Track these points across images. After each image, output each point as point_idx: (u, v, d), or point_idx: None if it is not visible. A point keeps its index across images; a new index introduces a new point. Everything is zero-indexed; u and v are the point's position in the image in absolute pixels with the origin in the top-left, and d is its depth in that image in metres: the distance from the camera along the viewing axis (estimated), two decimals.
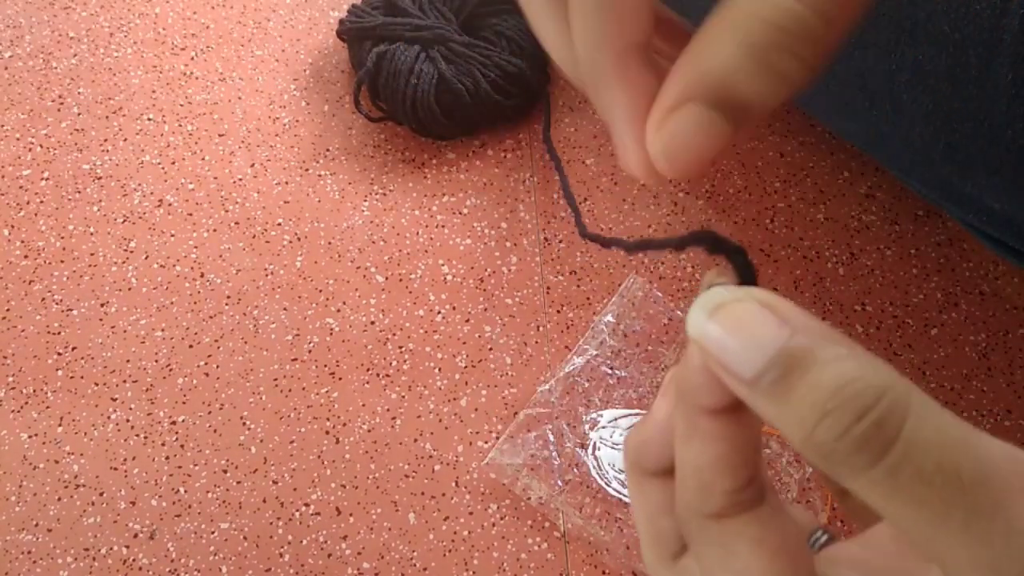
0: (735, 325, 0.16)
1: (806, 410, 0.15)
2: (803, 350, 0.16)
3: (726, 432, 0.18)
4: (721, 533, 0.18)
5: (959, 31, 0.38)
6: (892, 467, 0.15)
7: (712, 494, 0.18)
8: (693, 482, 0.19)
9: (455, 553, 0.47)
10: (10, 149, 0.63)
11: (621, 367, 0.52)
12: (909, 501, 0.15)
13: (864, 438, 0.15)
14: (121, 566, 0.47)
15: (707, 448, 0.18)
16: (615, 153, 0.19)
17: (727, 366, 0.16)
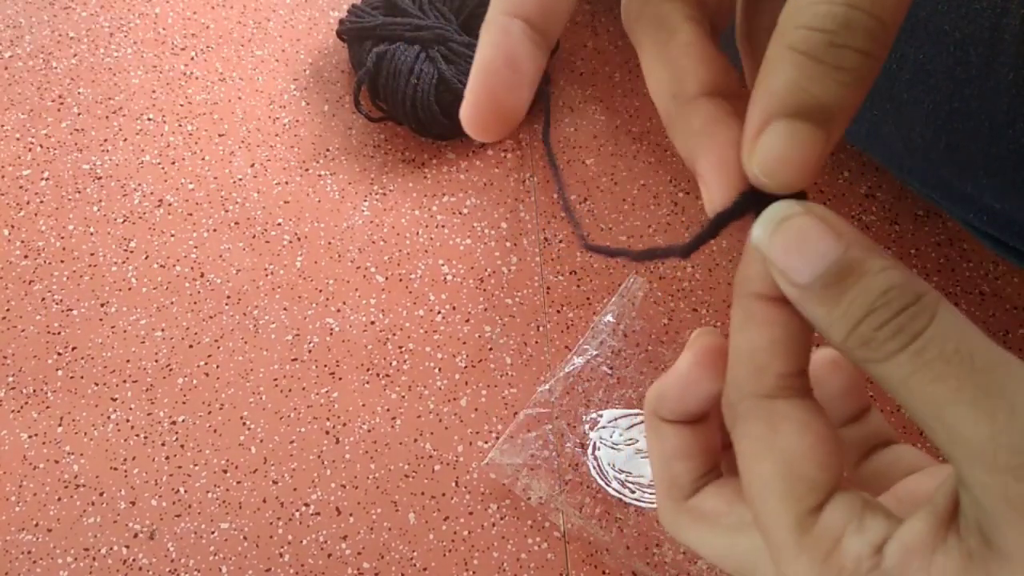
0: (797, 237, 0.19)
1: (855, 309, 0.18)
2: (856, 260, 0.18)
3: (782, 318, 0.20)
4: (770, 412, 0.20)
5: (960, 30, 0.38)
6: (919, 349, 0.17)
7: (765, 375, 0.20)
8: (747, 364, 0.20)
9: (455, 553, 0.47)
10: (10, 149, 0.63)
11: (621, 367, 0.52)
12: (929, 377, 0.17)
13: (899, 327, 0.18)
14: (121, 566, 0.47)
15: (763, 332, 0.20)
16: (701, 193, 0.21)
17: (786, 272, 0.19)
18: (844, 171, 0.60)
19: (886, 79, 0.41)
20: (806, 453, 0.19)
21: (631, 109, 0.65)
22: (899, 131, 0.43)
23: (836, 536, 0.19)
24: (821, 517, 0.19)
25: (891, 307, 0.18)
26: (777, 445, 0.20)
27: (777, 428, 0.20)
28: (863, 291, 0.18)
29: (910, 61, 0.40)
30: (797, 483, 0.19)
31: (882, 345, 0.18)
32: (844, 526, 0.19)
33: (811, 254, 0.18)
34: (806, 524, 0.19)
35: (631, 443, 0.49)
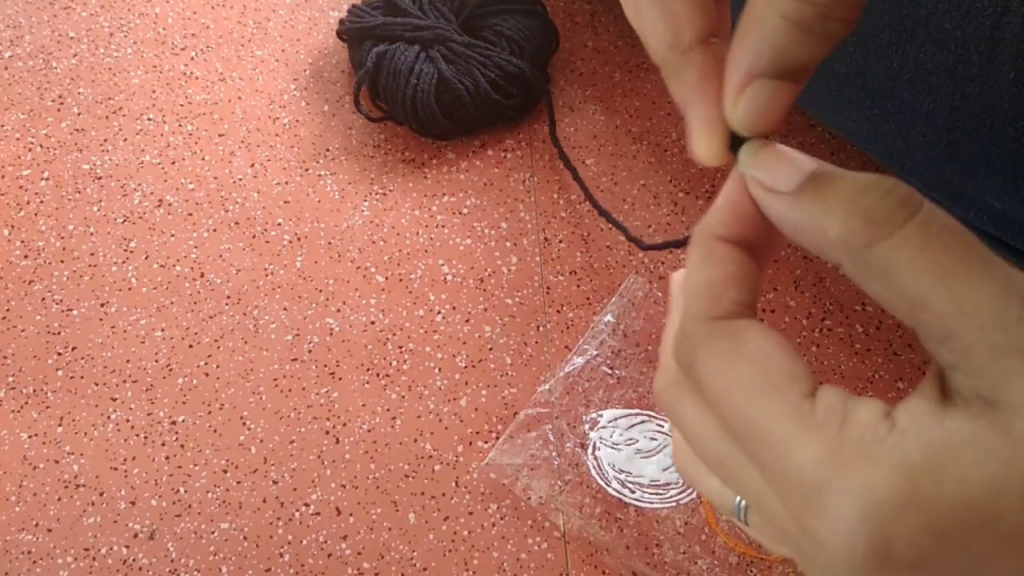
0: (777, 155, 0.21)
1: (848, 191, 0.19)
2: (830, 169, 0.20)
3: (737, 256, 0.22)
4: (730, 329, 0.21)
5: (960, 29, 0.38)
6: (924, 222, 0.18)
7: (721, 301, 0.21)
8: (704, 294, 0.22)
9: (455, 553, 0.47)
10: (10, 149, 0.63)
11: (621, 367, 0.52)
12: (938, 250, 0.18)
13: (901, 197, 0.19)
14: (121, 566, 0.47)
15: (720, 266, 0.22)
16: (687, 137, 0.22)
17: (774, 183, 0.20)
18: None
19: (887, 78, 0.41)
20: (776, 350, 0.20)
21: (631, 109, 0.65)
22: (900, 130, 0.43)
23: (841, 410, 0.19)
24: (817, 400, 0.19)
25: (883, 184, 0.19)
26: (746, 351, 0.20)
27: (741, 338, 0.21)
28: (851, 179, 0.19)
29: (911, 60, 0.40)
30: (778, 375, 0.20)
31: (887, 218, 0.18)
32: (844, 402, 0.19)
33: (792, 164, 0.20)
34: (803, 408, 0.19)
35: (631, 443, 0.49)
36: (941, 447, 0.18)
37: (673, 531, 0.46)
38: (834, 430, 0.19)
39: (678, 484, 0.48)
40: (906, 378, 0.52)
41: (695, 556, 0.46)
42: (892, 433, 0.18)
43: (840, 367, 0.52)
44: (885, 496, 0.18)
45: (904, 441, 0.18)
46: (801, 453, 0.19)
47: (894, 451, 0.18)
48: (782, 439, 0.19)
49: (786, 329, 0.54)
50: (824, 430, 0.19)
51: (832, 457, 0.18)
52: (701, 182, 0.61)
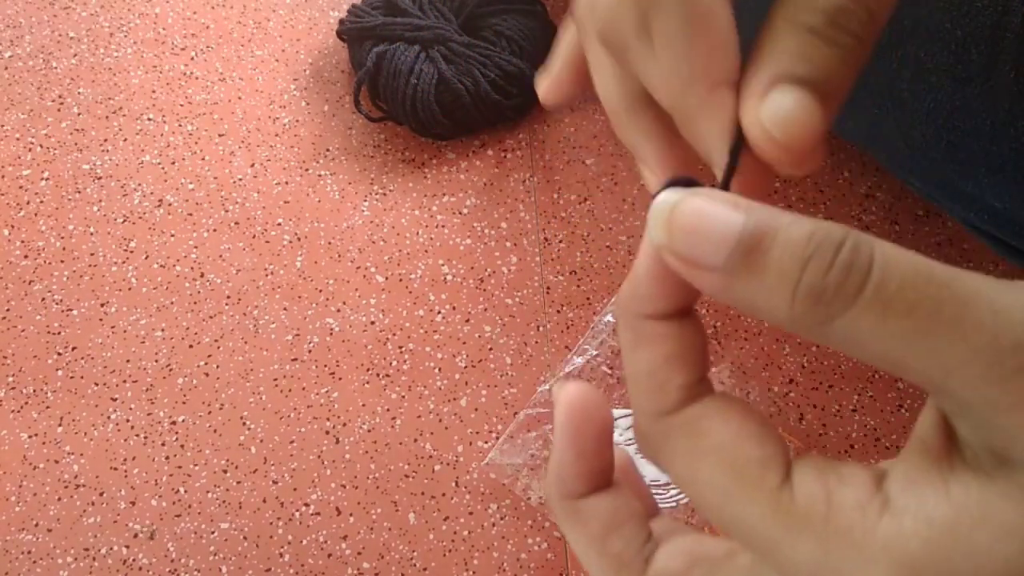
0: (694, 220, 0.17)
1: (787, 264, 0.16)
2: (763, 222, 0.17)
3: (674, 332, 0.19)
4: (684, 421, 0.19)
5: (961, 28, 0.38)
6: (879, 285, 0.16)
7: (668, 391, 0.19)
8: (647, 385, 0.19)
9: (455, 553, 0.47)
10: (10, 149, 0.62)
11: (621, 367, 0.52)
12: (902, 312, 0.16)
13: (846, 266, 0.16)
14: (121, 566, 0.47)
15: (657, 349, 0.19)
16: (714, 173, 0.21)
17: (699, 261, 0.17)
18: (844, 171, 0.60)
19: (887, 77, 0.41)
20: (739, 436, 0.18)
21: None
22: (900, 129, 0.43)
23: (823, 497, 0.17)
24: (795, 487, 0.17)
25: (825, 248, 0.16)
26: (707, 447, 0.18)
27: (698, 431, 0.18)
28: (786, 243, 0.16)
29: (911, 59, 0.40)
30: (747, 466, 0.17)
31: (838, 292, 0.16)
32: (826, 484, 0.17)
33: (716, 231, 0.17)
34: (782, 502, 0.17)
35: (631, 443, 0.49)
36: (947, 529, 0.16)
37: None
38: (820, 525, 0.16)
39: None
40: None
41: None
42: (884, 517, 0.16)
43: (840, 367, 0.52)
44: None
45: (900, 529, 0.16)
46: (792, 558, 0.17)
47: (889, 544, 0.16)
48: (769, 543, 0.17)
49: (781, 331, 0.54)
50: (809, 527, 0.17)
51: (824, 559, 0.16)
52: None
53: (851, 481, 0.17)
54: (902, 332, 0.16)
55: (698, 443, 0.18)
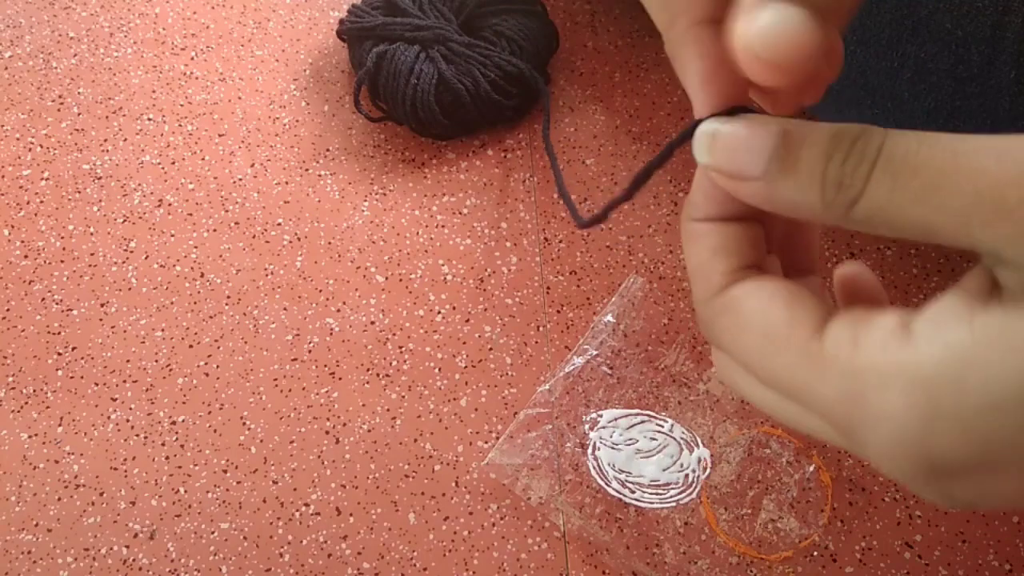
0: (733, 140, 0.20)
1: (815, 162, 0.19)
2: (793, 132, 0.19)
3: (717, 230, 0.22)
4: (725, 303, 0.21)
5: (961, 28, 0.38)
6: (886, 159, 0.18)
7: (712, 277, 0.22)
8: (697, 276, 0.22)
9: (455, 553, 0.47)
10: (10, 149, 0.62)
11: (621, 367, 0.52)
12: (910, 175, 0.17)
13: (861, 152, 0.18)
14: (121, 566, 0.46)
15: (702, 245, 0.22)
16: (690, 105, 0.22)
17: (742, 172, 0.20)
18: None
19: (887, 77, 0.41)
20: (771, 303, 0.20)
21: (631, 109, 0.65)
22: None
23: (850, 339, 0.18)
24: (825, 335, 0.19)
25: (844, 143, 0.18)
26: (744, 319, 0.20)
27: (737, 308, 0.21)
28: (813, 145, 0.19)
29: (911, 59, 0.40)
30: (776, 326, 0.20)
31: (854, 175, 0.18)
32: (854, 327, 0.18)
33: (753, 146, 0.19)
34: (811, 350, 0.19)
35: (631, 443, 0.49)
36: (962, 350, 0.17)
37: (673, 531, 0.46)
38: (845, 363, 0.18)
39: (678, 484, 0.48)
40: None
41: (695, 556, 0.46)
42: (904, 347, 0.17)
43: None
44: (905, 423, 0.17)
45: (915, 353, 0.17)
46: (823, 399, 0.19)
47: (903, 368, 0.17)
48: (804, 390, 0.19)
49: None
50: (835, 366, 0.18)
51: (848, 394, 0.18)
52: None
53: (880, 323, 0.18)
54: (914, 193, 0.17)
55: (737, 318, 0.21)
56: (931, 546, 0.46)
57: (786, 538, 0.46)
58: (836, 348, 0.18)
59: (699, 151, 0.21)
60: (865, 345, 0.18)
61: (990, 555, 0.46)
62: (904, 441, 0.17)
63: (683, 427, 0.49)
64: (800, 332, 0.19)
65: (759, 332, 0.20)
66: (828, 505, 0.47)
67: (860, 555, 0.46)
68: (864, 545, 0.46)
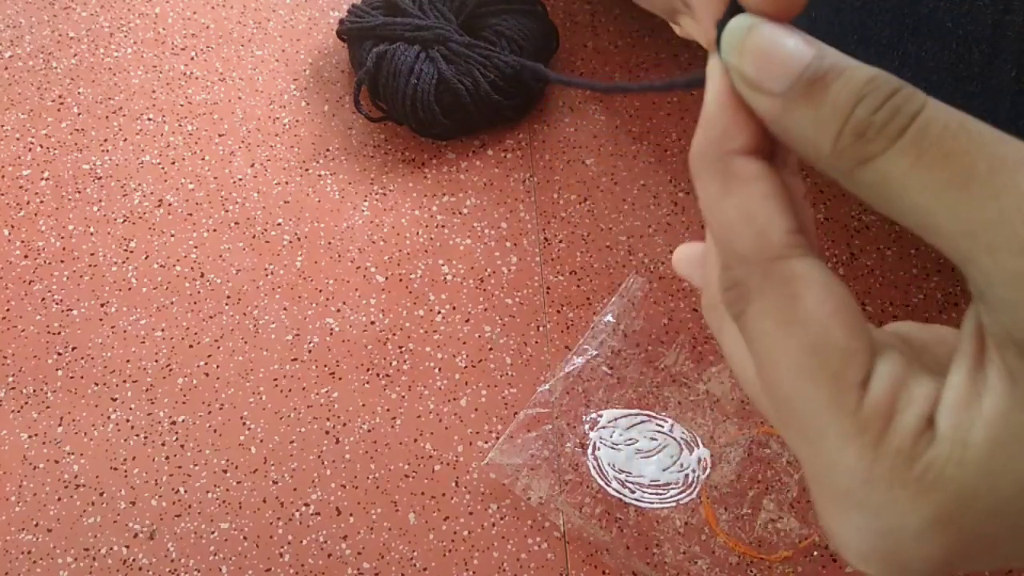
0: (767, 43, 0.17)
1: (843, 99, 0.16)
2: (831, 58, 0.17)
3: (766, 172, 0.18)
4: (786, 277, 0.18)
5: (962, 27, 0.38)
6: (921, 129, 0.15)
7: (771, 234, 0.18)
8: (746, 231, 0.18)
9: (455, 553, 0.47)
10: (10, 149, 0.62)
11: (621, 367, 0.52)
12: (937, 161, 0.15)
13: (895, 108, 0.16)
14: (121, 566, 0.46)
15: (753, 188, 0.18)
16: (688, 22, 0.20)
17: (762, 82, 0.17)
18: None
19: None
20: (835, 317, 0.17)
21: (631, 109, 0.65)
22: None
23: (886, 414, 0.17)
24: (869, 391, 0.17)
25: (881, 91, 0.16)
26: (800, 314, 0.17)
27: (797, 293, 0.17)
28: (848, 80, 0.16)
29: (912, 58, 0.40)
30: (832, 355, 0.17)
31: (880, 132, 0.16)
32: (893, 401, 0.17)
33: (785, 57, 0.17)
34: (849, 404, 0.17)
35: (631, 443, 0.49)
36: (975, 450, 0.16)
37: (673, 531, 0.46)
38: (872, 442, 0.17)
39: (678, 484, 0.48)
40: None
41: (695, 556, 0.46)
42: (929, 448, 0.16)
43: None
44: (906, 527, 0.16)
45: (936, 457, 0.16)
46: (834, 459, 0.17)
47: (924, 474, 0.16)
48: (818, 435, 0.17)
49: None
50: (862, 439, 0.17)
51: (864, 472, 0.17)
52: None
53: (914, 404, 0.17)
54: (934, 183, 0.15)
55: (793, 306, 0.17)
56: None
57: (786, 538, 0.46)
58: (871, 418, 0.17)
59: (729, 46, 0.18)
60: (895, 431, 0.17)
61: None
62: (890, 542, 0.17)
63: (683, 427, 0.49)
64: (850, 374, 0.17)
65: (810, 343, 0.17)
66: None
67: None
68: None
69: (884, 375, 0.17)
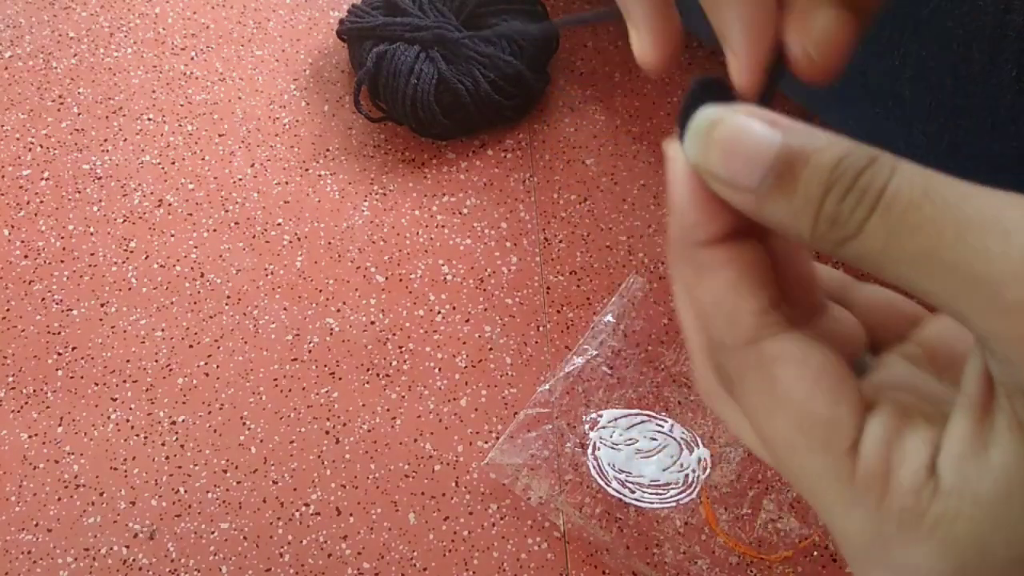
0: (731, 140, 0.18)
1: (813, 189, 0.17)
2: (798, 144, 0.17)
3: (734, 255, 0.19)
4: (759, 359, 0.18)
5: (963, 27, 0.38)
6: (888, 204, 0.16)
7: (739, 319, 0.19)
8: (718, 317, 0.19)
9: (455, 553, 0.47)
10: (10, 149, 0.62)
11: (621, 367, 0.52)
12: (906, 235, 0.16)
13: (862, 191, 0.16)
14: (121, 566, 0.46)
15: (720, 277, 0.19)
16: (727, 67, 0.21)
17: (734, 180, 0.18)
18: None
19: (888, 76, 0.41)
20: (813, 391, 0.18)
21: (631, 109, 0.65)
22: (901, 129, 0.43)
23: (882, 474, 0.17)
24: (860, 455, 0.17)
25: (848, 175, 0.16)
26: (780, 394, 0.18)
27: (774, 375, 0.18)
28: (815, 169, 0.17)
29: (913, 58, 0.40)
30: (817, 429, 0.18)
31: (851, 216, 0.16)
32: (887, 460, 0.17)
33: (752, 152, 0.17)
34: (844, 471, 0.17)
35: (631, 443, 0.49)
36: (987, 503, 0.16)
37: (673, 531, 0.46)
38: (874, 504, 0.17)
39: (678, 484, 0.48)
40: None
41: (695, 556, 0.46)
42: (935, 501, 0.16)
43: None
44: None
45: (946, 511, 0.16)
46: (844, 526, 0.18)
47: (935, 528, 0.16)
48: (826, 504, 0.18)
49: None
50: (865, 501, 0.17)
51: (874, 534, 0.17)
52: None
53: (909, 458, 0.17)
54: (908, 256, 0.16)
55: (772, 389, 0.18)
56: None
57: (786, 538, 0.46)
58: (868, 480, 0.17)
59: (693, 144, 0.18)
60: (896, 489, 0.17)
61: None
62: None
63: (683, 427, 0.49)
64: (838, 442, 0.17)
65: (794, 421, 0.18)
66: None
67: None
68: None
69: (875, 435, 0.17)
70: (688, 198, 0.19)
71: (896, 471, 0.17)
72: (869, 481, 0.17)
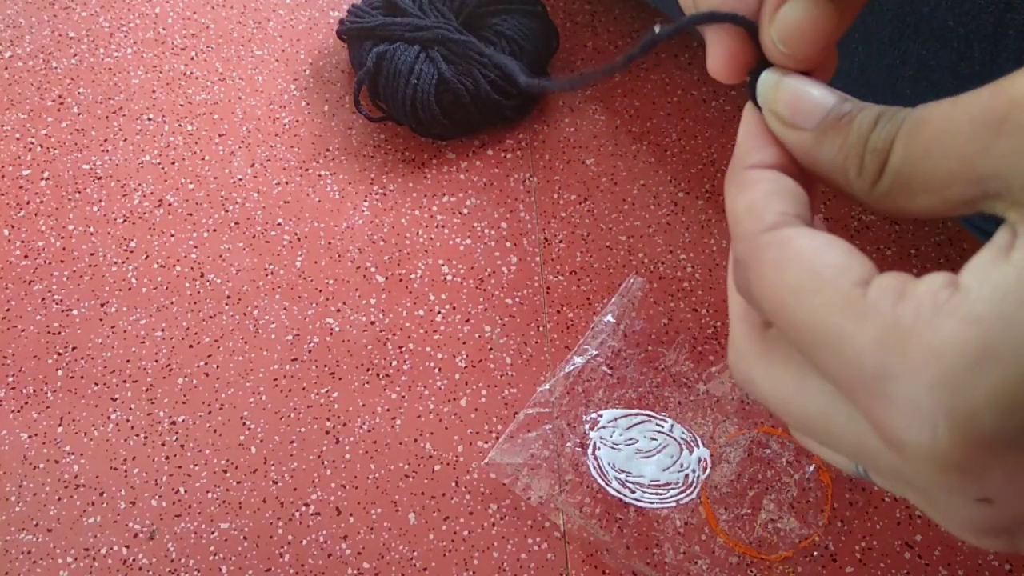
0: (798, 89, 0.21)
1: (865, 125, 0.19)
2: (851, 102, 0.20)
3: (772, 176, 0.22)
4: (777, 237, 0.20)
5: (963, 26, 0.38)
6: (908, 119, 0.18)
7: (765, 215, 0.21)
8: (746, 216, 0.21)
9: (455, 553, 0.47)
10: (10, 149, 0.62)
11: (621, 367, 0.52)
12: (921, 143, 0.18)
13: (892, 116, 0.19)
14: (121, 566, 0.46)
15: (758, 188, 0.21)
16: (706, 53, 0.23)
17: (796, 121, 0.21)
18: None
19: (888, 75, 0.41)
20: (826, 246, 0.19)
21: (631, 109, 0.65)
22: None
23: (896, 288, 0.17)
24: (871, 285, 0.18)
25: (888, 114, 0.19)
26: (793, 253, 0.19)
27: (788, 242, 0.20)
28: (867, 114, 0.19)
29: (913, 57, 0.40)
30: (827, 269, 0.18)
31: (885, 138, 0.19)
32: (902, 281, 0.17)
33: (814, 100, 0.21)
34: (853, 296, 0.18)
35: (631, 443, 0.49)
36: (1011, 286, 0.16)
37: (673, 531, 0.46)
38: (887, 308, 0.17)
39: (678, 484, 0.48)
40: None
41: (695, 556, 0.46)
42: (954, 295, 0.16)
43: None
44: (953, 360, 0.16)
45: (967, 297, 0.16)
46: (855, 343, 0.17)
47: (956, 310, 0.16)
48: (835, 334, 0.17)
49: None
50: (876, 311, 0.17)
51: (887, 337, 0.17)
52: (701, 182, 0.61)
53: (928, 279, 0.17)
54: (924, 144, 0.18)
55: (784, 252, 0.19)
56: (931, 546, 0.46)
57: (786, 538, 0.46)
58: (879, 296, 0.17)
59: (764, 93, 0.22)
60: (911, 295, 0.17)
61: (990, 555, 0.46)
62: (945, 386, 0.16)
63: (683, 427, 0.49)
64: (848, 276, 0.18)
65: (805, 269, 0.19)
66: (828, 505, 0.47)
67: (860, 555, 0.46)
68: (864, 545, 0.46)
69: (888, 275, 0.18)
70: (749, 131, 0.22)
71: (912, 286, 0.17)
72: (882, 294, 0.17)
